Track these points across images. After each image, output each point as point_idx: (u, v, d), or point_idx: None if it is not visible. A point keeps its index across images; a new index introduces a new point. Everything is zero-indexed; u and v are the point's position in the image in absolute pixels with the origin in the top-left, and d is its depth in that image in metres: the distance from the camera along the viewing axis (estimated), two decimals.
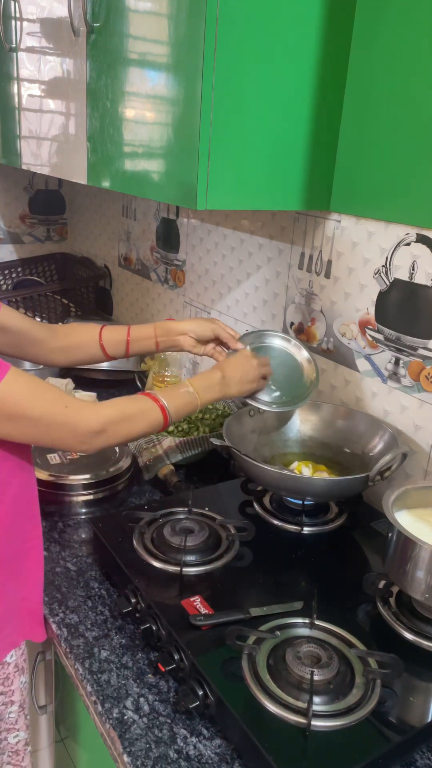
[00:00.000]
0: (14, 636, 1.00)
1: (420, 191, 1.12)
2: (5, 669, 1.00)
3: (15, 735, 1.05)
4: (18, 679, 1.02)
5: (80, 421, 0.92)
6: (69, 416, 0.91)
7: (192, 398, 1.08)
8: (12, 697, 1.02)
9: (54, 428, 0.90)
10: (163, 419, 1.02)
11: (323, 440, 1.33)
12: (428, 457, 1.20)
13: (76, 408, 0.93)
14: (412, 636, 0.92)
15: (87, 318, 2.24)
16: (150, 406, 1.02)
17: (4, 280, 2.41)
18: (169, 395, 1.05)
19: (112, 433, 0.95)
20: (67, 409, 0.91)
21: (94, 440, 0.94)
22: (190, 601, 0.96)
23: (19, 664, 1.02)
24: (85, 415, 0.93)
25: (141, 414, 1.01)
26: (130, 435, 0.99)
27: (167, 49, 1.10)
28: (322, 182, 1.26)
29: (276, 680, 0.82)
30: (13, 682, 1.01)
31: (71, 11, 1.34)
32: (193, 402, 1.08)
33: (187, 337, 1.21)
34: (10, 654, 1.00)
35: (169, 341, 1.21)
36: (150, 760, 0.80)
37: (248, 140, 1.11)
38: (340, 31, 1.16)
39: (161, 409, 1.02)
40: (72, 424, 0.91)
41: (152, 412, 1.02)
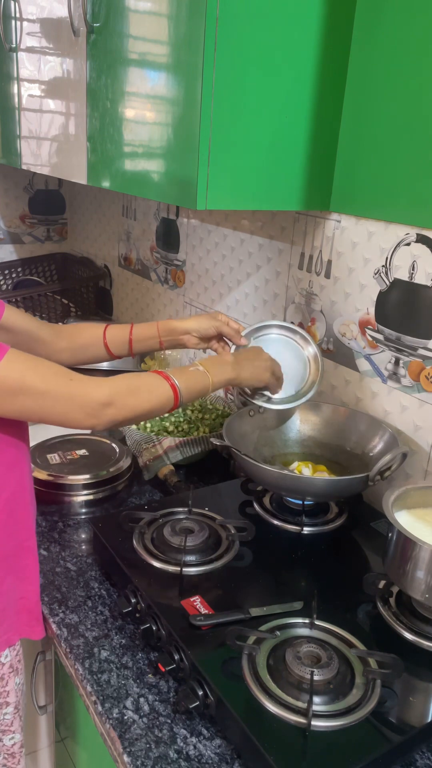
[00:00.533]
0: (9, 634, 1.00)
1: (420, 191, 1.12)
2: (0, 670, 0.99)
3: (10, 737, 1.04)
4: (13, 680, 1.02)
5: (87, 393, 0.91)
6: (75, 388, 0.90)
7: (203, 377, 1.05)
8: (7, 699, 1.02)
9: (60, 402, 0.89)
10: (173, 395, 1.00)
11: (323, 440, 1.33)
12: (428, 457, 1.20)
13: (82, 380, 0.92)
14: (412, 636, 0.92)
15: (87, 318, 2.24)
16: (159, 382, 1.00)
17: (4, 280, 2.41)
18: (179, 372, 1.03)
19: (121, 405, 0.94)
20: (72, 382, 0.90)
21: (102, 413, 0.92)
22: (190, 601, 0.96)
23: (14, 664, 1.01)
24: (90, 386, 0.92)
25: (149, 387, 0.99)
26: (138, 409, 0.97)
27: (167, 49, 1.10)
28: (322, 182, 1.26)
29: (276, 680, 0.82)
30: (8, 683, 1.01)
31: (71, 11, 1.34)
32: (203, 381, 1.05)
33: (190, 336, 1.20)
34: (4, 654, 0.99)
35: (173, 340, 1.21)
36: (150, 760, 0.80)
37: (248, 140, 1.11)
38: (340, 30, 1.16)
39: (171, 385, 1.00)
40: (79, 396, 0.90)
41: (161, 386, 1.00)
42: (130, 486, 1.41)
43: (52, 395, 0.88)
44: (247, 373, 1.13)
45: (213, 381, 1.07)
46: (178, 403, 1.01)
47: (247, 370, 1.13)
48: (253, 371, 1.15)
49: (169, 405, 1.00)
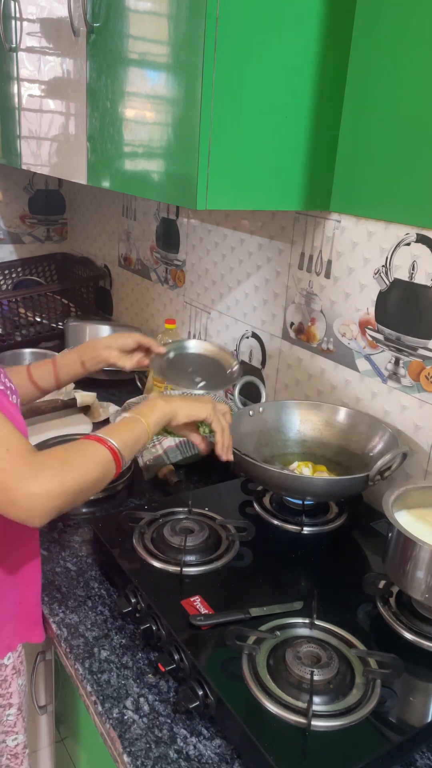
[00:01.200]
0: (9, 640, 0.99)
1: (420, 191, 1.13)
2: (2, 671, 0.99)
3: (14, 738, 1.04)
4: (15, 681, 1.01)
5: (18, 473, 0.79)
6: (7, 461, 0.79)
7: (133, 422, 0.97)
8: (10, 700, 1.02)
9: None
10: (111, 455, 0.90)
11: (323, 440, 1.33)
12: (428, 457, 1.20)
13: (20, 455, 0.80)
14: (412, 636, 0.92)
15: (87, 318, 2.24)
16: (93, 447, 0.90)
17: (4, 280, 2.41)
18: (110, 430, 0.95)
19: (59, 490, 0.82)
20: (8, 453, 0.79)
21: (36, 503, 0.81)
22: (190, 601, 0.96)
23: (16, 666, 1.01)
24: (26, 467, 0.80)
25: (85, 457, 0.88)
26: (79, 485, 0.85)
27: (167, 49, 1.10)
28: (322, 182, 1.26)
29: (276, 680, 0.82)
30: (10, 685, 1.01)
31: (71, 11, 1.34)
32: (136, 426, 0.97)
33: (111, 350, 1.18)
34: (6, 657, 0.99)
35: (95, 358, 1.18)
36: (150, 760, 0.80)
37: (248, 140, 1.11)
38: (340, 30, 1.16)
39: (102, 443, 0.90)
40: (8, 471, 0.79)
41: (97, 451, 0.89)
42: (130, 486, 1.41)
43: None
44: (178, 402, 1.05)
45: (148, 422, 0.98)
46: (120, 467, 0.92)
47: (180, 402, 1.05)
48: (190, 402, 1.06)
49: (111, 472, 0.91)
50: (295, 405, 1.37)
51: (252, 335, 1.62)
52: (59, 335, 2.16)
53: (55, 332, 2.18)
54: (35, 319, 2.18)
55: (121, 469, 0.92)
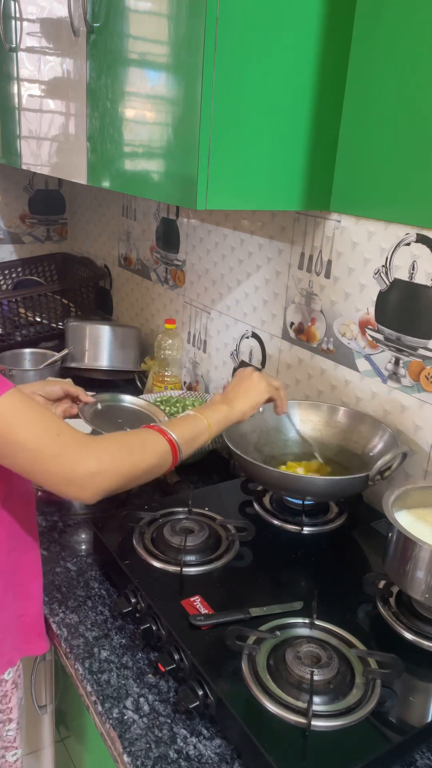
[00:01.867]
0: (10, 654, 0.98)
1: (420, 191, 1.13)
2: (3, 686, 0.98)
3: (13, 753, 1.04)
4: (15, 695, 1.01)
5: (70, 460, 0.81)
6: (60, 449, 0.81)
7: (195, 419, 0.99)
8: (10, 715, 1.01)
9: (42, 458, 0.80)
10: (170, 450, 0.93)
11: (323, 440, 1.33)
12: (428, 457, 1.20)
13: (69, 442, 0.82)
14: (412, 636, 0.92)
15: (87, 318, 2.24)
16: (153, 438, 0.92)
17: (4, 280, 2.41)
18: (174, 424, 0.97)
19: (110, 471, 0.85)
20: (60, 438, 0.81)
21: (89, 483, 0.83)
22: (190, 601, 0.96)
23: (15, 680, 1.00)
24: (75, 451, 0.82)
25: (142, 445, 0.90)
26: (131, 473, 0.88)
27: (167, 49, 1.10)
28: (322, 182, 1.26)
29: (276, 680, 0.82)
30: (11, 700, 1.00)
31: (71, 11, 1.34)
32: (197, 423, 0.99)
33: (36, 395, 1.13)
34: (6, 672, 0.98)
35: None
36: (150, 760, 0.80)
37: (248, 140, 1.11)
38: (340, 30, 1.16)
39: (168, 440, 0.92)
40: (62, 460, 0.81)
41: (156, 442, 0.92)
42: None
43: (32, 448, 0.79)
44: (241, 401, 1.07)
45: (208, 421, 1.00)
46: (177, 459, 0.93)
47: (240, 398, 1.07)
48: (247, 395, 1.09)
49: (167, 463, 0.93)
50: (295, 405, 1.37)
51: (252, 335, 1.62)
52: (59, 335, 2.16)
53: (55, 332, 2.18)
54: (35, 319, 2.18)
55: (177, 462, 0.94)
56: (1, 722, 1.00)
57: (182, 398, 1.65)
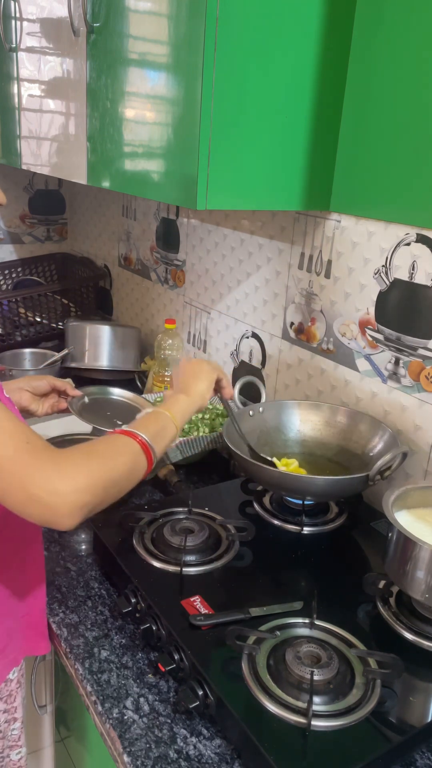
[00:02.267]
0: (15, 654, 0.98)
1: (420, 191, 1.13)
2: (8, 686, 0.98)
3: (17, 752, 1.04)
4: (20, 695, 1.01)
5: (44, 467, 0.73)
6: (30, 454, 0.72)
7: (156, 414, 0.95)
8: (15, 714, 1.01)
9: (7, 468, 0.71)
10: (139, 446, 0.87)
11: (323, 440, 1.33)
12: (428, 457, 1.20)
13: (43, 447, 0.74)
14: (412, 636, 0.92)
15: (87, 318, 2.24)
16: (119, 439, 0.87)
17: (4, 280, 2.41)
18: (133, 423, 0.92)
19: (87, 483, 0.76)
20: (29, 446, 0.73)
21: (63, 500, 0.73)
22: (190, 601, 0.96)
23: (19, 680, 1.01)
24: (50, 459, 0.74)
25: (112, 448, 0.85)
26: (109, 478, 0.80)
27: (167, 49, 1.10)
28: (322, 182, 1.26)
29: (276, 680, 0.82)
30: (15, 699, 1.00)
31: (71, 11, 1.34)
32: (159, 417, 0.95)
33: (23, 392, 1.11)
34: (12, 671, 0.98)
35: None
36: (150, 760, 0.80)
37: (248, 140, 1.11)
38: (340, 30, 1.16)
39: (129, 435, 0.87)
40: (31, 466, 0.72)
41: (124, 442, 0.86)
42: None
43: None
44: (195, 385, 1.05)
45: (173, 414, 0.96)
46: (152, 458, 0.88)
47: (191, 383, 1.05)
48: (197, 378, 1.06)
49: (143, 465, 0.87)
50: (295, 405, 1.37)
51: (252, 335, 1.62)
52: (59, 335, 2.16)
53: (55, 332, 2.18)
54: (35, 319, 2.18)
55: (153, 462, 0.88)
56: (6, 721, 1.00)
57: None
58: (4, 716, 0.99)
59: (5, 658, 0.96)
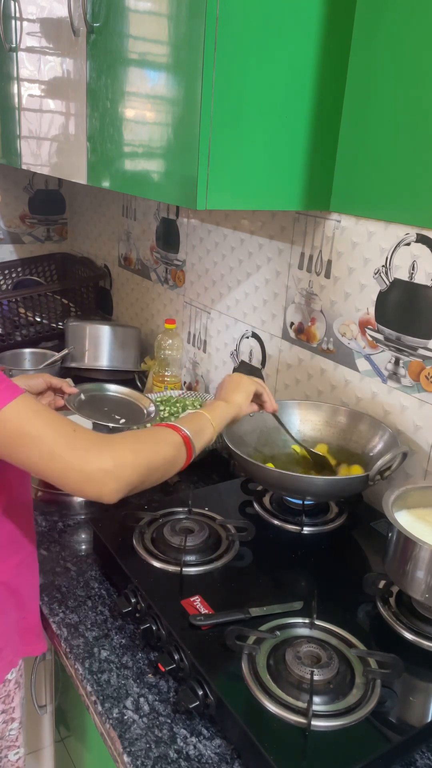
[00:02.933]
0: (12, 656, 0.99)
1: (420, 191, 1.12)
2: (6, 687, 0.99)
3: (15, 752, 1.04)
4: (18, 695, 1.01)
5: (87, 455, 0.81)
6: (78, 439, 0.81)
7: (197, 415, 1.01)
8: (13, 714, 1.01)
9: (59, 451, 0.80)
10: (181, 438, 0.94)
11: (323, 440, 1.33)
12: (428, 457, 1.20)
13: (88, 433, 0.83)
14: (412, 636, 0.92)
15: (87, 318, 2.24)
16: (164, 430, 0.94)
17: (4, 280, 2.41)
18: (184, 421, 0.99)
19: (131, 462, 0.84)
20: (76, 433, 0.82)
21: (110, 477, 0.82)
22: (190, 601, 0.96)
23: (18, 680, 1.01)
24: (93, 447, 0.82)
25: (156, 437, 0.91)
26: (151, 460, 0.88)
27: (167, 49, 1.10)
28: (322, 182, 1.26)
29: (276, 680, 0.82)
30: (13, 699, 1.00)
31: (71, 11, 1.34)
32: (200, 418, 1.01)
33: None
34: (10, 672, 0.99)
35: None
36: (150, 760, 0.80)
37: (248, 140, 1.11)
38: (340, 30, 1.16)
39: (173, 428, 0.94)
40: (78, 455, 0.80)
41: (168, 433, 0.93)
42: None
43: (48, 443, 0.79)
44: (234, 395, 1.09)
45: (212, 416, 1.02)
46: (191, 452, 0.95)
47: (231, 393, 1.09)
48: (237, 389, 1.10)
49: (183, 456, 0.94)
50: (295, 405, 1.37)
51: (252, 335, 1.62)
52: (59, 335, 2.16)
53: (55, 332, 2.18)
54: (35, 319, 2.18)
55: (192, 457, 0.95)
56: (4, 722, 1.00)
57: (182, 398, 1.65)
58: (2, 717, 1.00)
59: (2, 660, 0.96)
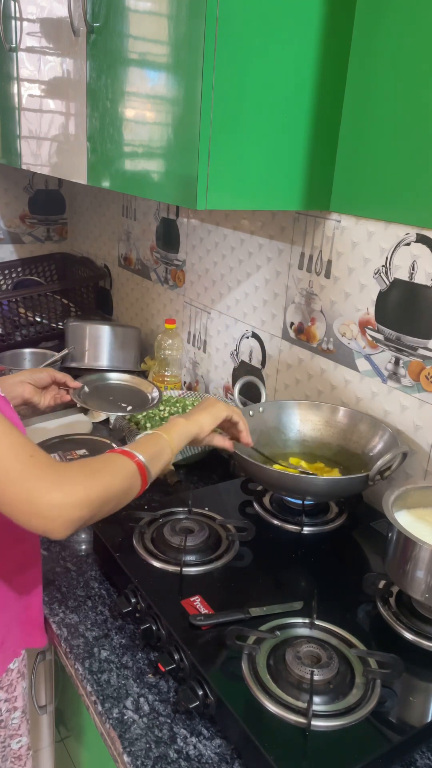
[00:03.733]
0: (15, 646, 0.99)
1: (420, 191, 1.13)
2: (9, 676, 0.99)
3: (18, 741, 1.05)
4: (20, 684, 1.02)
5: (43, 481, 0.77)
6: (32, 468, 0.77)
7: (155, 437, 0.97)
8: (15, 703, 1.02)
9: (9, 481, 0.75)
10: (136, 467, 0.89)
11: (323, 440, 1.33)
12: (428, 457, 1.20)
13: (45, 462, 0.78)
14: (412, 636, 0.92)
15: (87, 318, 2.24)
16: (118, 459, 0.89)
17: (4, 280, 2.41)
18: (134, 444, 0.94)
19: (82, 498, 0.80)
20: (32, 459, 0.77)
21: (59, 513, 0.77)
22: (190, 601, 0.96)
23: (21, 669, 1.02)
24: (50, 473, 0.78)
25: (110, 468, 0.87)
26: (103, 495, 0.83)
27: (167, 49, 1.10)
28: (322, 182, 1.26)
29: (276, 680, 0.82)
30: (16, 688, 1.01)
31: (71, 11, 1.34)
32: (158, 440, 0.96)
33: (25, 384, 1.15)
34: (13, 661, 1.00)
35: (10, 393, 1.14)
36: (150, 760, 0.80)
37: (248, 140, 1.11)
38: (340, 30, 1.16)
39: (128, 455, 0.89)
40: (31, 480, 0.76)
41: (122, 463, 0.88)
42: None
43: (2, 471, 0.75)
44: (199, 415, 1.05)
45: (170, 437, 0.98)
46: (146, 480, 0.90)
47: (198, 413, 1.05)
48: (205, 411, 1.06)
49: (137, 485, 0.89)
50: (295, 405, 1.37)
51: (252, 335, 1.62)
52: (59, 335, 2.16)
53: (55, 332, 2.18)
54: (35, 319, 2.18)
55: (147, 483, 0.91)
56: (7, 711, 1.01)
57: (182, 398, 1.65)
58: (5, 705, 1.00)
59: (5, 651, 0.97)
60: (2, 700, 1.00)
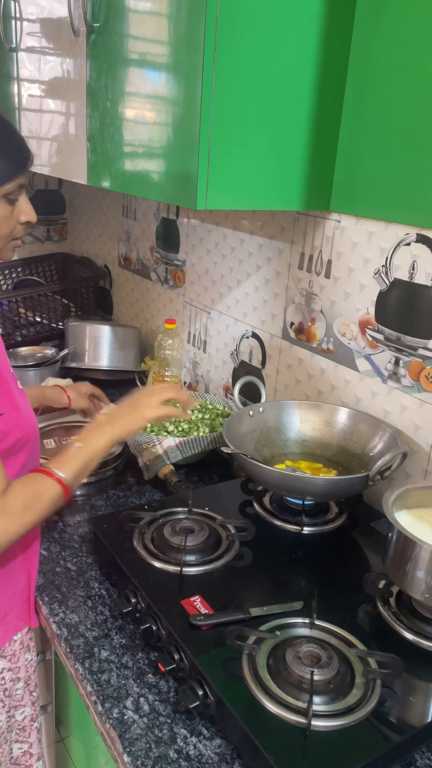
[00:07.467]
0: (16, 622, 1.03)
1: (420, 191, 1.13)
2: (12, 646, 1.02)
3: (21, 711, 1.07)
4: (23, 656, 1.04)
5: None
6: None
7: (81, 452, 0.99)
8: (18, 674, 1.04)
9: None
10: (60, 489, 0.94)
11: (323, 440, 1.33)
12: (428, 457, 1.20)
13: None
14: (412, 636, 0.92)
15: (87, 318, 2.24)
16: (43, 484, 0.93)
17: (4, 280, 2.41)
18: (60, 459, 0.97)
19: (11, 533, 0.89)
20: None
21: None
22: (190, 601, 0.96)
23: (24, 641, 1.05)
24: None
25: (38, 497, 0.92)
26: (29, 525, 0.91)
27: (167, 49, 1.10)
28: (322, 182, 1.26)
29: (276, 680, 0.82)
30: (19, 659, 1.04)
31: (71, 11, 1.34)
32: (88, 454, 0.99)
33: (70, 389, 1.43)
34: (16, 634, 1.03)
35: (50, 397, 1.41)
36: (150, 760, 0.80)
37: (248, 140, 1.11)
38: (340, 30, 1.16)
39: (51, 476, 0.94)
40: None
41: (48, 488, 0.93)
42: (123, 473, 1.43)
43: None
44: (127, 420, 1.05)
45: (95, 450, 1.00)
46: (70, 497, 0.96)
47: (125, 418, 1.05)
48: (135, 415, 1.06)
49: (61, 502, 0.95)
50: (295, 405, 1.37)
51: (252, 335, 1.62)
52: (59, 335, 2.16)
53: (55, 332, 2.18)
54: (35, 319, 2.18)
55: (70, 499, 0.96)
56: (11, 680, 1.03)
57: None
58: (9, 675, 1.03)
59: (7, 624, 1.01)
60: (6, 669, 1.02)
